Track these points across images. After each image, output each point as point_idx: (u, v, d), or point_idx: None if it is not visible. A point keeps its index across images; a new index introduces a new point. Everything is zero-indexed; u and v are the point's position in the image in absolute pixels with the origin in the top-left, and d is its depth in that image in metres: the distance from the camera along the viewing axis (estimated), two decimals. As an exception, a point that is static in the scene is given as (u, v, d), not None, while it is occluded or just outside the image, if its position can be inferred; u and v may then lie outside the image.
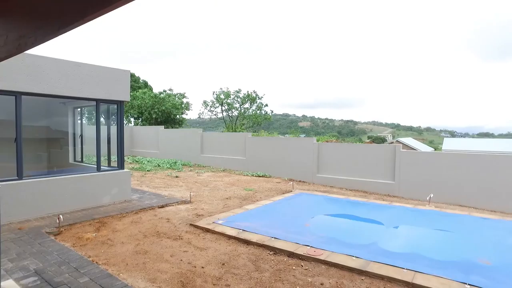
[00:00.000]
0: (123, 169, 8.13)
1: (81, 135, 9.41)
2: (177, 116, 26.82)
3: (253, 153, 14.49)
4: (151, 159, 17.85)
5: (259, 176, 13.38)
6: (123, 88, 7.96)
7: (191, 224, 6.34)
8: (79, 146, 9.48)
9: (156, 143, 19.54)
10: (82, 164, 9.22)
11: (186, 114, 29.00)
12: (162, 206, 7.73)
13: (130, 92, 30.33)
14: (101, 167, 7.85)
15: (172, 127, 25.57)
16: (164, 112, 25.02)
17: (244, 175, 13.55)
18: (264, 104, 32.11)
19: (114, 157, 8.35)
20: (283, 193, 9.79)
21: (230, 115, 32.27)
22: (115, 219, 6.58)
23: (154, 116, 24.68)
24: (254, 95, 31.56)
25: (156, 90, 31.98)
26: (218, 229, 6.00)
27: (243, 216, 6.97)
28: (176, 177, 12.67)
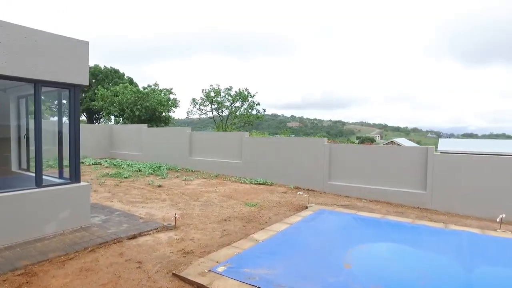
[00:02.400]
0: (79, 182, 5.72)
1: (27, 135, 6.95)
2: (163, 113, 24.30)
3: (251, 156, 12.24)
4: (131, 163, 15.36)
5: (260, 184, 11.14)
6: (78, 67, 5.54)
7: (174, 274, 4.00)
8: (26, 149, 7.05)
9: (138, 144, 17.06)
10: (27, 173, 6.78)
11: (173, 112, 26.57)
12: (134, 237, 5.36)
13: (111, 87, 27.67)
14: (46, 178, 5.45)
15: (157, 126, 23.05)
16: (148, 109, 22.47)
17: (242, 183, 11.27)
18: (256, 103, 30.09)
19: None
20: (297, 210, 7.56)
21: (220, 114, 30.07)
22: (55, 265, 4.17)
23: (137, 114, 22.10)
24: (246, 93, 29.38)
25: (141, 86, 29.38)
26: (219, 284, 3.71)
27: (252, 254, 4.70)
28: (159, 186, 10.29)
